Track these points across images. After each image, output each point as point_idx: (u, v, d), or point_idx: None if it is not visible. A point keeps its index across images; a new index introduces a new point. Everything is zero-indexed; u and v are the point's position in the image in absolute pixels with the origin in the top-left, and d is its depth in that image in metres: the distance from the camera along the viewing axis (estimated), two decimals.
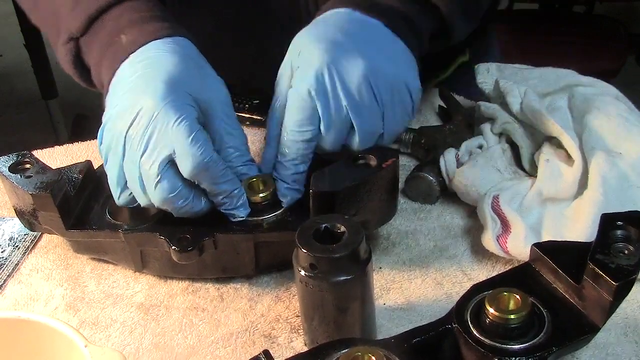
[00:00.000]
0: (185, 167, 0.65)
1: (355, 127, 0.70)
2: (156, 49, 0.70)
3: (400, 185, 0.80)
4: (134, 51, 0.70)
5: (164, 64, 0.68)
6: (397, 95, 0.71)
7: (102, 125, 0.68)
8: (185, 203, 0.67)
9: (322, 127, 0.69)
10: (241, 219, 0.69)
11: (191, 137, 0.64)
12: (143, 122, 0.64)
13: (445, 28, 0.81)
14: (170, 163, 0.65)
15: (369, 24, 0.73)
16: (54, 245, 0.79)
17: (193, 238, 0.67)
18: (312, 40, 0.70)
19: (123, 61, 0.70)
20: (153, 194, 0.66)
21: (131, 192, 0.68)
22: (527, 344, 0.52)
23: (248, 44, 0.98)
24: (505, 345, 0.52)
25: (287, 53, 0.73)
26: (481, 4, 0.88)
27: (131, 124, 0.65)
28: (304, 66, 0.69)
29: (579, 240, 0.63)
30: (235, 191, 0.68)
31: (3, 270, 0.76)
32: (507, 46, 2.39)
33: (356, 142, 0.70)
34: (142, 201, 0.68)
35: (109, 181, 0.69)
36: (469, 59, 1.05)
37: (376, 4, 0.74)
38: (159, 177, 0.65)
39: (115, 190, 0.69)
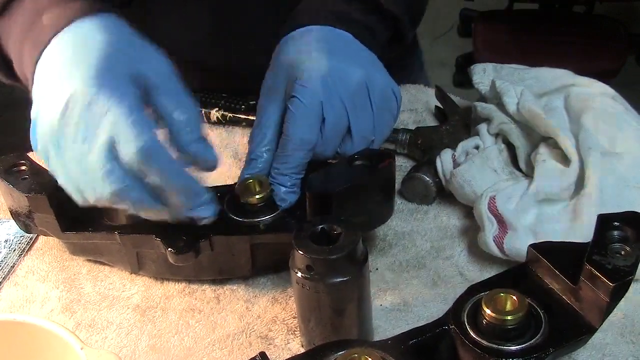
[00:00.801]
0: (127, 153, 0.59)
1: (352, 132, 0.71)
2: (82, 28, 0.63)
3: (397, 186, 0.80)
4: (58, 32, 0.63)
5: (93, 43, 0.61)
6: (387, 101, 0.73)
7: (32, 124, 0.62)
8: (141, 196, 0.61)
9: (324, 133, 0.69)
10: (206, 220, 0.66)
11: (131, 119, 0.58)
12: (76, 111, 0.58)
13: (399, 34, 0.85)
14: (115, 153, 0.60)
15: (344, 37, 0.75)
16: (49, 247, 0.79)
17: (189, 240, 0.67)
18: (311, 51, 0.71)
19: (46, 45, 0.63)
20: (102, 188, 0.60)
21: None
22: (524, 345, 0.52)
23: (250, 41, 0.98)
24: (502, 347, 0.52)
25: (273, 70, 0.74)
26: (423, 7, 0.92)
27: (63, 115, 0.59)
28: (307, 75, 0.69)
29: (576, 241, 0.63)
30: (193, 187, 0.63)
31: None
32: (507, 46, 2.39)
33: (351, 148, 0.71)
34: (94, 197, 0.62)
35: (61, 185, 0.63)
36: None
37: (342, 17, 0.76)
38: (104, 168, 0.59)
39: (72, 193, 0.63)
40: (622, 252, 0.53)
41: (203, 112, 0.96)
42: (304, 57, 0.71)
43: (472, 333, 0.53)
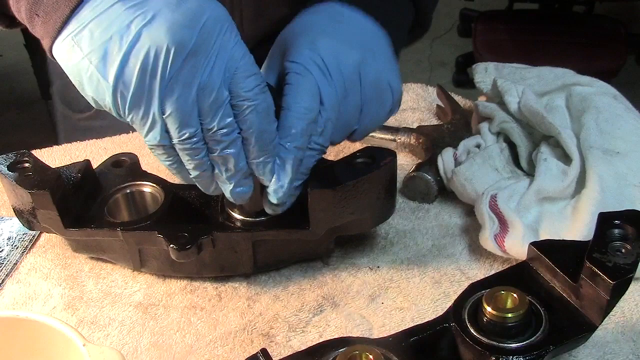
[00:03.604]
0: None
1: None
2: None
3: (399, 184, 0.80)
4: None
5: None
6: (378, 92, 0.68)
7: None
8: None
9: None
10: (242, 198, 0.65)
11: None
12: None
13: (422, 19, 0.81)
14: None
15: (355, 19, 0.70)
16: (52, 245, 0.79)
17: (191, 236, 0.67)
18: (306, 27, 0.68)
19: None
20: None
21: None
22: (524, 343, 0.52)
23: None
24: (502, 344, 0.52)
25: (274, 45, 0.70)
26: None
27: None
28: (297, 52, 0.66)
29: (577, 239, 0.63)
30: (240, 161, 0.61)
31: (2, 270, 0.76)
32: (507, 46, 2.40)
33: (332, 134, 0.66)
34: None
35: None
36: None
37: None
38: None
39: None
40: (623, 250, 0.53)
41: None
42: (297, 33, 0.67)
43: (472, 330, 0.53)
